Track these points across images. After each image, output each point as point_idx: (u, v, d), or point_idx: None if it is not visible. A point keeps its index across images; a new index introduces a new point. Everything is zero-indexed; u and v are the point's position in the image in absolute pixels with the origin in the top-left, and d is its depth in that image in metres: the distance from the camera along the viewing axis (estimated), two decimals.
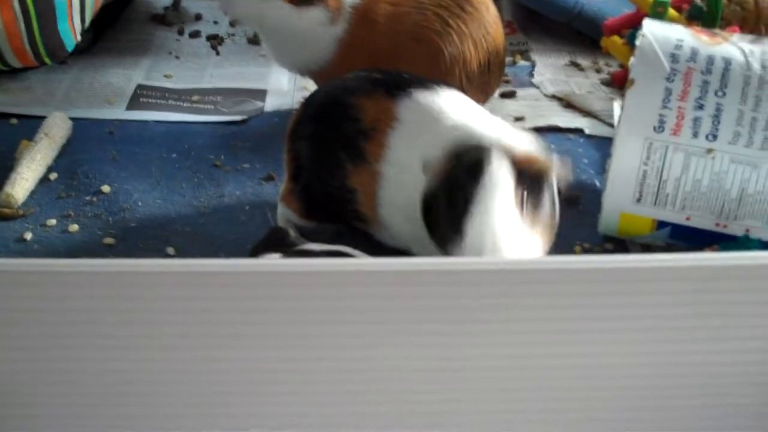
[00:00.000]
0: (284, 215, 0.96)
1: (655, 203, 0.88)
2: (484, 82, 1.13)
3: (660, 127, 0.86)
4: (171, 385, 0.59)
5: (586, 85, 1.30)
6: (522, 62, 1.38)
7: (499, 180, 0.75)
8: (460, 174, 0.76)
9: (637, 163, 0.87)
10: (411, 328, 0.57)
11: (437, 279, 0.54)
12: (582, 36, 1.42)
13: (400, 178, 0.84)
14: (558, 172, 0.79)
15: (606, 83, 1.30)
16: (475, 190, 0.75)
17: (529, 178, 0.76)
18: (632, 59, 0.89)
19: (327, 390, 0.59)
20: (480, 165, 0.75)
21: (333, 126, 0.90)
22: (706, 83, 0.86)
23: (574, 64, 1.36)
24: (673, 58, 0.88)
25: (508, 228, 0.74)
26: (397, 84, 0.88)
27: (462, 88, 1.09)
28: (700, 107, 0.85)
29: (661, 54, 0.88)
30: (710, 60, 0.87)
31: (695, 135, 0.85)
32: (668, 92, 0.86)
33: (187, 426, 0.61)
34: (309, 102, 0.95)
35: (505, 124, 0.83)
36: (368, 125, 0.87)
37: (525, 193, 0.76)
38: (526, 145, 0.79)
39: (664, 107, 0.86)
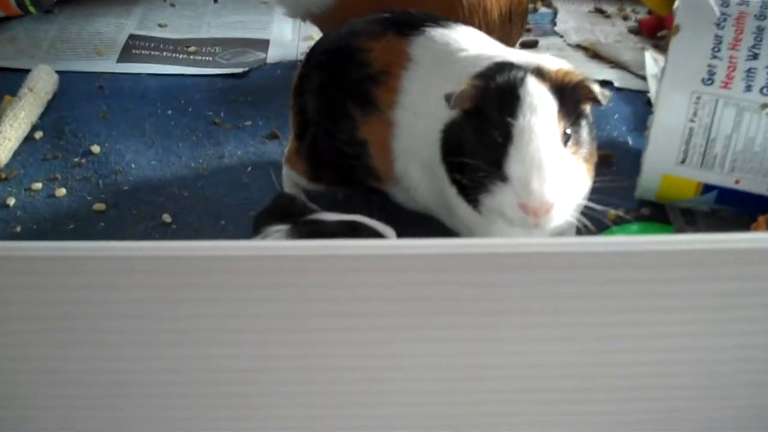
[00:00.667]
0: (290, 177, 0.88)
1: (701, 164, 0.80)
2: (504, 32, 1.04)
3: (709, 80, 0.77)
4: (173, 384, 0.51)
5: (612, 33, 1.21)
6: (543, 9, 1.28)
7: (540, 99, 0.66)
8: (493, 98, 0.67)
9: (682, 119, 0.78)
10: (441, 319, 0.49)
11: (476, 263, 0.46)
12: None
13: (417, 125, 0.76)
14: (595, 89, 0.69)
15: (634, 31, 1.21)
16: (513, 113, 0.66)
17: (569, 97, 0.68)
18: (677, 2, 0.80)
19: (355, 387, 0.51)
20: (516, 84, 0.67)
21: (339, 73, 0.81)
22: (760, 29, 0.77)
23: (599, 11, 1.27)
24: (723, 1, 0.79)
25: (555, 155, 0.66)
26: (409, 22, 0.79)
27: None
28: (754, 56, 0.77)
29: None
30: (765, 3, 0.78)
31: (749, 88, 0.77)
32: (718, 40, 0.78)
33: (192, 426, 0.53)
34: (313, 50, 0.86)
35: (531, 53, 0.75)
36: (378, 69, 0.78)
37: (567, 113, 0.67)
38: (559, 64, 0.71)
39: (714, 57, 0.77)
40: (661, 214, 0.87)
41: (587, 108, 0.71)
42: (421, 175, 0.77)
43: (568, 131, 0.67)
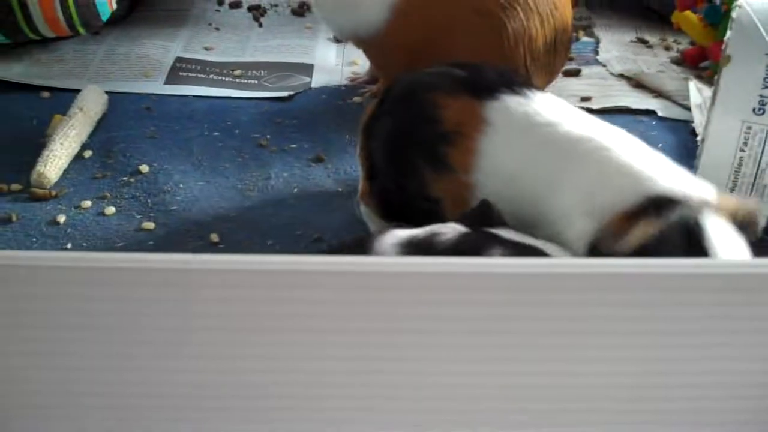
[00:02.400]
0: (367, 214, 0.88)
1: (751, 194, 0.79)
2: (549, 62, 1.04)
3: (760, 109, 0.77)
4: (220, 397, 0.52)
5: (654, 63, 1.21)
6: (585, 38, 1.29)
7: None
8: (672, 244, 0.61)
9: (732, 149, 0.78)
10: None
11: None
12: (649, 10, 1.33)
13: (509, 192, 0.73)
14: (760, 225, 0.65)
15: (676, 62, 1.21)
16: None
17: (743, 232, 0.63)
18: (729, 33, 0.80)
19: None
20: (699, 233, 0.61)
21: (409, 126, 0.80)
22: None
23: (641, 41, 1.27)
24: None
25: None
26: (484, 85, 0.77)
27: (526, 68, 1.01)
28: None
29: (762, 26, 0.79)
30: None
31: None
32: None
33: None
34: (386, 94, 0.85)
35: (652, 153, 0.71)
36: (453, 130, 0.76)
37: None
38: (705, 189, 0.66)
39: (765, 87, 0.78)
40: None
41: None
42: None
43: None
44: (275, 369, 0.51)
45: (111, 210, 0.92)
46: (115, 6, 1.18)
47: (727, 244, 0.61)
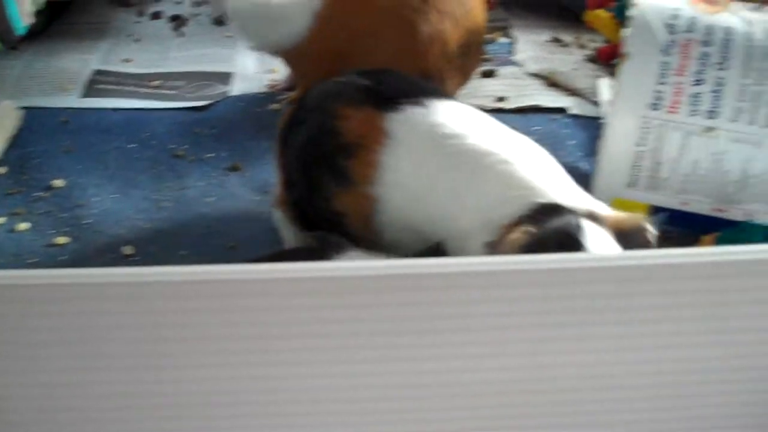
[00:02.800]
0: (283, 221, 0.88)
1: (650, 187, 0.81)
2: (463, 64, 1.06)
3: (656, 105, 0.79)
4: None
5: (569, 62, 1.23)
6: (502, 39, 1.30)
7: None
8: (551, 247, 0.61)
9: (631, 144, 0.80)
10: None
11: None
12: (565, 10, 1.34)
13: (411, 206, 0.74)
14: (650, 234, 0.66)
15: (591, 60, 1.23)
16: None
17: (627, 243, 0.64)
18: (625, 31, 0.82)
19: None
20: (575, 232, 0.62)
21: (315, 138, 0.79)
22: (705, 56, 0.79)
23: (557, 41, 1.29)
24: (670, 28, 0.81)
25: None
26: (387, 95, 0.77)
27: (440, 69, 1.02)
28: (699, 82, 0.79)
29: (657, 24, 0.81)
30: (709, 30, 0.81)
31: (694, 112, 0.79)
32: (665, 66, 0.80)
33: None
34: (300, 103, 0.85)
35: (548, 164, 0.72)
36: (354, 142, 0.76)
37: None
38: (593, 202, 0.67)
39: (661, 83, 0.79)
40: None
41: None
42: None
43: None
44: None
45: (24, 226, 0.91)
46: (31, 20, 1.17)
47: (601, 250, 0.62)
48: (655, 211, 0.83)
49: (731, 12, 0.82)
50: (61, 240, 0.90)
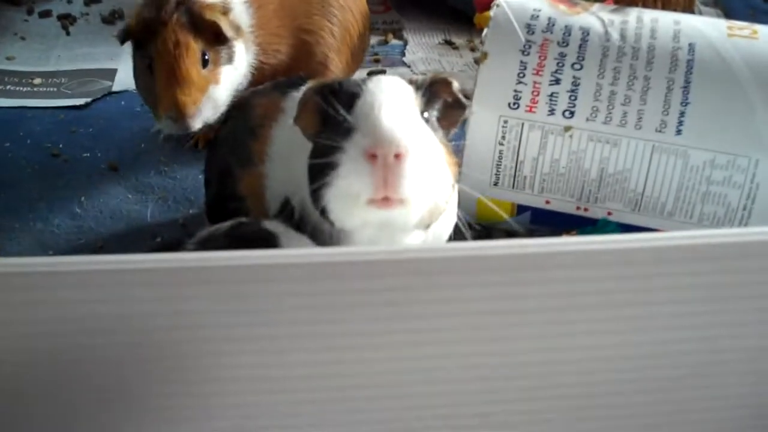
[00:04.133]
0: None
1: (513, 186, 0.82)
2: (362, 48, 1.09)
3: (515, 104, 0.80)
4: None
5: (459, 64, 1.24)
6: (394, 41, 1.31)
7: (386, 81, 0.65)
8: (337, 94, 0.64)
9: (492, 143, 0.81)
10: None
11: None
12: (457, 13, 1.35)
13: (285, 174, 0.74)
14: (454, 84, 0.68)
15: (479, 62, 1.24)
16: (358, 92, 0.63)
17: (425, 90, 0.66)
18: (485, 31, 0.83)
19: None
20: (361, 81, 0.65)
21: (230, 128, 0.82)
22: (562, 55, 0.80)
23: (449, 43, 1.30)
24: (529, 28, 0.82)
25: (407, 115, 0.62)
26: (293, 83, 0.79)
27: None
28: (557, 81, 0.80)
29: (516, 24, 0.82)
30: (567, 30, 0.81)
31: (552, 112, 0.79)
32: (523, 66, 0.80)
33: None
34: (228, 109, 0.89)
35: None
36: (256, 123, 0.77)
37: (423, 101, 0.65)
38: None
39: (519, 82, 0.80)
40: (486, 235, 0.89)
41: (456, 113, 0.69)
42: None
43: (426, 115, 0.65)
44: None
45: None
46: None
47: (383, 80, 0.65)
48: (520, 209, 0.84)
49: (591, 13, 0.83)
50: None
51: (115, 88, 1.14)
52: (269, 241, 0.63)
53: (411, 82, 0.67)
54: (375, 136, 0.60)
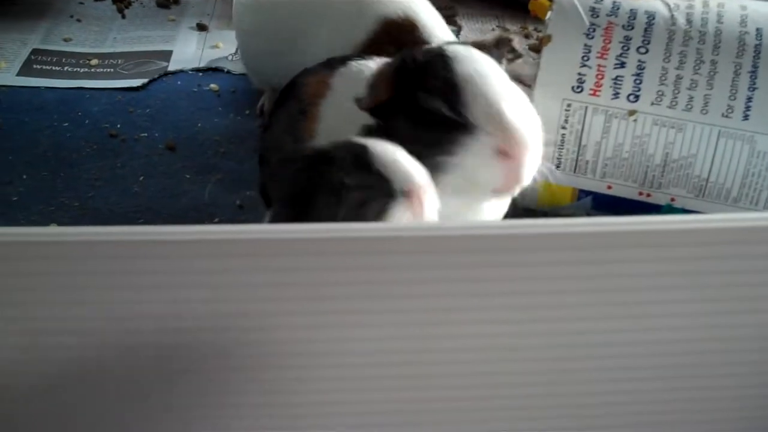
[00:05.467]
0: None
1: (575, 170, 0.81)
2: None
3: (579, 87, 0.79)
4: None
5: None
6: (448, 27, 1.30)
7: (472, 50, 0.64)
8: (419, 70, 0.63)
9: (554, 126, 0.80)
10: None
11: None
12: (511, 0, 1.35)
13: None
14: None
15: (534, 48, 1.23)
16: (449, 68, 0.62)
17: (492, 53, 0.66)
18: (549, 14, 0.82)
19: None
20: (439, 50, 0.64)
21: (282, 107, 0.81)
22: (627, 39, 0.79)
23: (502, 29, 1.29)
24: (593, 12, 0.81)
25: (513, 89, 0.63)
26: (342, 60, 0.78)
27: None
28: (622, 65, 0.79)
29: (581, 7, 0.81)
30: (632, 14, 0.81)
31: (616, 95, 0.79)
32: (587, 49, 0.80)
33: None
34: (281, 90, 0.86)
35: None
36: (307, 102, 0.76)
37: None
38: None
39: (583, 65, 0.80)
40: None
41: None
42: None
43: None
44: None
45: None
46: None
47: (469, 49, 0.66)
48: (582, 194, 0.83)
49: None
50: None
51: (170, 69, 1.15)
52: None
53: (481, 48, 0.65)
54: (507, 137, 0.60)
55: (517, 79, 1.14)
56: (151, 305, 0.49)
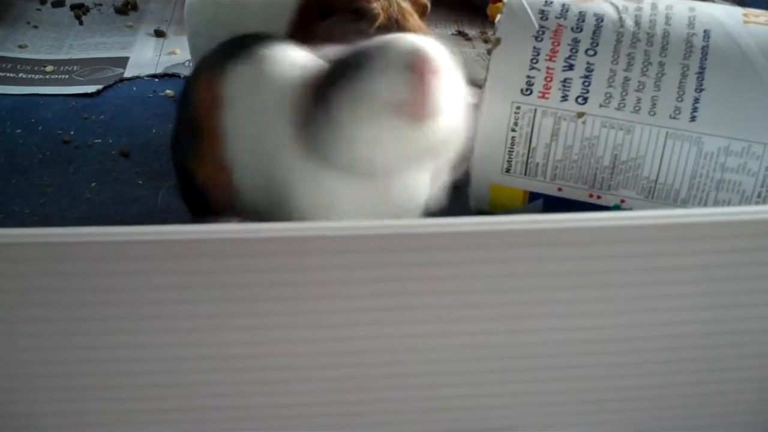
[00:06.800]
0: None
1: (525, 173, 0.81)
2: None
3: (528, 90, 0.79)
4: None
5: (472, 54, 1.23)
6: None
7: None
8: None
9: (504, 129, 0.80)
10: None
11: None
12: (471, 4, 1.35)
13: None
14: None
15: (492, 48, 1.23)
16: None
17: None
18: (499, 16, 0.82)
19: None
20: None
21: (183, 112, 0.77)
22: (576, 41, 0.79)
23: (461, 34, 1.30)
24: (543, 14, 0.81)
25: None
26: (239, 43, 0.74)
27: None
28: (570, 67, 0.79)
29: (530, 10, 0.81)
30: (581, 16, 0.81)
31: (565, 98, 0.79)
32: (536, 51, 0.80)
33: None
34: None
35: None
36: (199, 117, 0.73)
37: None
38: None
39: (532, 68, 0.79)
40: None
41: None
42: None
43: None
44: None
45: None
46: None
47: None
48: (532, 197, 0.83)
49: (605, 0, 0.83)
50: None
51: (126, 75, 1.14)
52: None
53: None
54: (412, 49, 0.62)
55: (473, 83, 1.15)
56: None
